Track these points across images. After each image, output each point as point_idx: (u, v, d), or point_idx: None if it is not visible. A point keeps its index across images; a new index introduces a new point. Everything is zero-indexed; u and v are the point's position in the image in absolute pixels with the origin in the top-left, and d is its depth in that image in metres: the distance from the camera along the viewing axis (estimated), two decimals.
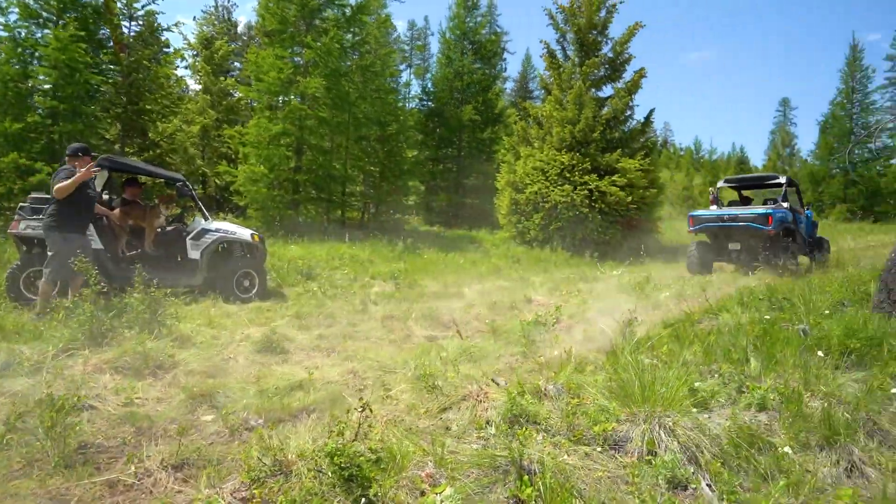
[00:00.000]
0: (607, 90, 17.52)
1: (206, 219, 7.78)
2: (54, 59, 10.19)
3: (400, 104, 18.73)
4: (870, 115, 35.79)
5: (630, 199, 14.80)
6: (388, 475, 2.51)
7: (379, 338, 6.00)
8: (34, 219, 6.69)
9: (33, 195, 6.98)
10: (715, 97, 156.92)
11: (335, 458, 2.37)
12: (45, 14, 11.09)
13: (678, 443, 3.07)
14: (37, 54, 10.78)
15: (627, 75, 17.23)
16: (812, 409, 3.60)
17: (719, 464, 2.93)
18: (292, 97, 13.84)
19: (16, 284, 6.55)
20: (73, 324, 4.94)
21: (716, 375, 4.29)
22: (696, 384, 3.93)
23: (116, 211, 7.46)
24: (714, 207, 11.01)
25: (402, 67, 45.99)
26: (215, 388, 3.85)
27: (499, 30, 25.36)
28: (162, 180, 10.24)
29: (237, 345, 5.08)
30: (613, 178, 14.87)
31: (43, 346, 4.56)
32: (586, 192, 14.74)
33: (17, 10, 10.64)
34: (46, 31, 11.18)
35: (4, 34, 10.73)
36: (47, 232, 5.86)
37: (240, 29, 33.72)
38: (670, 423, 3.19)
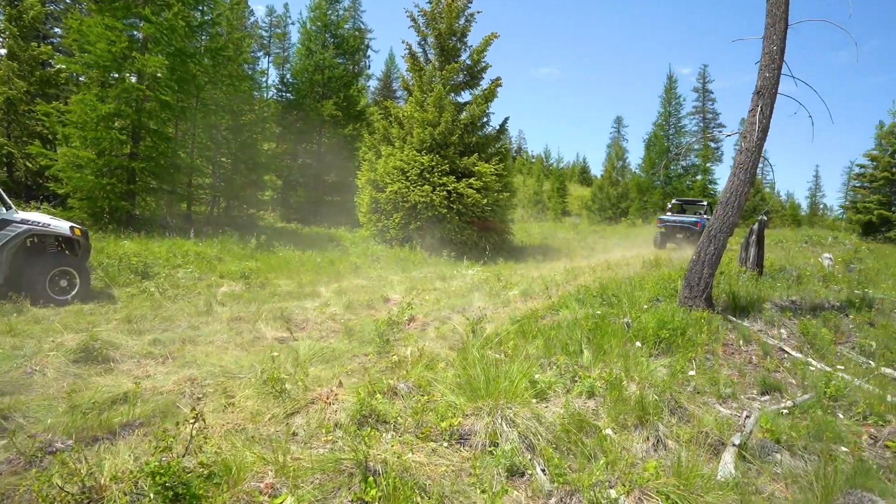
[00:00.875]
0: (466, 96, 18.23)
1: (7, 208, 6.64)
2: None
3: (255, 93, 17.64)
4: (681, 136, 41.57)
5: (486, 201, 15.53)
6: (221, 490, 2.33)
7: (224, 341, 5.60)
8: None
9: None
10: (563, 110, 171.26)
11: (157, 477, 2.14)
12: None
13: (517, 433, 3.27)
14: None
15: (484, 83, 18.08)
16: (630, 393, 4.06)
17: (552, 449, 3.17)
18: (127, 75, 12.34)
19: None
20: None
21: (554, 367, 4.65)
22: (537, 376, 4.23)
23: None
24: (669, 214, 18.83)
25: (258, 54, 43.52)
26: (9, 407, 3.29)
27: (362, 26, 25.18)
28: None
29: (45, 355, 4.39)
30: (470, 180, 15.48)
31: None
32: (445, 193, 15.17)
33: None
34: None
35: None
36: None
37: None
38: (511, 415, 3.38)
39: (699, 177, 39.02)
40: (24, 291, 6.47)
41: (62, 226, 6.92)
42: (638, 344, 5.12)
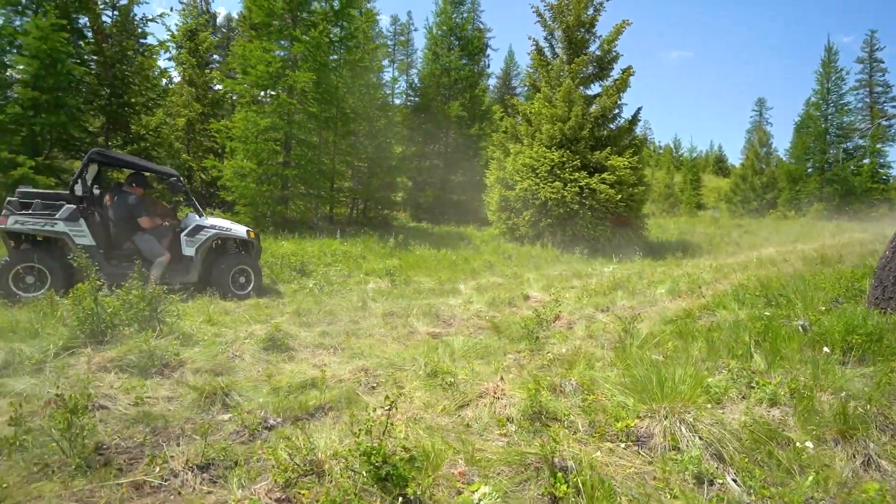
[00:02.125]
0: (595, 88, 17.67)
1: (200, 215, 7.62)
2: (35, 48, 9.87)
3: (387, 100, 18.57)
4: (844, 115, 36.68)
5: (620, 196, 14.93)
6: (424, 474, 2.48)
7: (382, 335, 5.95)
8: (22, 214, 6.50)
9: (21, 190, 6.77)
10: (693, 96, 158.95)
11: (372, 457, 2.33)
12: (23, 1, 10.73)
13: (700, 438, 3.10)
14: (16, 43, 10.44)
15: (614, 73, 17.41)
16: (823, 404, 3.67)
17: (745, 459, 2.96)
18: (280, 91, 13.62)
19: (5, 280, 6.37)
20: (73, 321, 4.80)
21: (724, 371, 4.34)
22: (709, 380, 3.98)
23: (145, 218, 7.27)
24: None
25: (384, 63, 45.75)
26: (227, 386, 3.77)
27: (481, 26, 25.34)
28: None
29: (242, 342, 4.98)
30: (603, 175, 14.98)
31: (42, 344, 4.42)
32: (577, 189, 14.82)
33: None
34: (25, 18, 10.83)
35: None
36: None
37: (218, 21, 33.18)
38: (690, 419, 3.22)
39: (867, 160, 34.14)
40: (213, 287, 7.39)
41: (240, 229, 7.81)
42: (826, 349, 4.60)
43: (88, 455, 2.69)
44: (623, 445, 3.11)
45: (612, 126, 16.98)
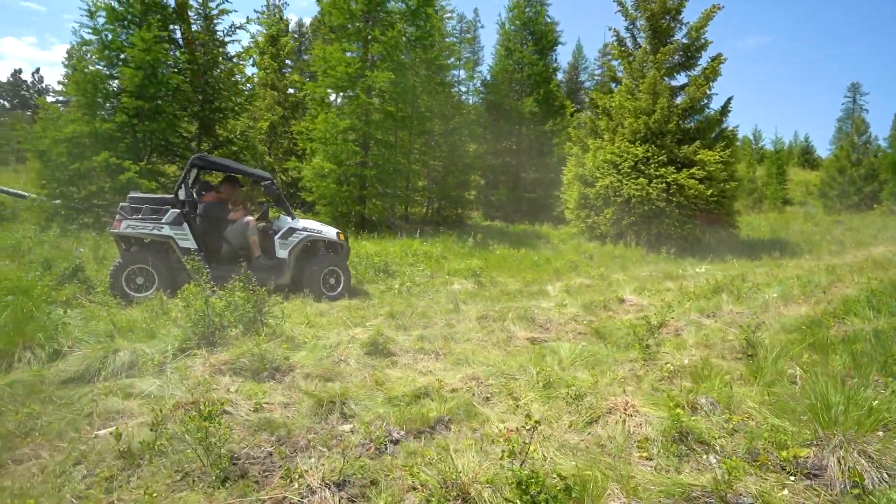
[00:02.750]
0: (680, 79, 16.71)
1: (292, 217, 7.74)
2: (139, 59, 10.42)
3: (461, 98, 18.42)
4: None
5: (710, 192, 14.02)
6: None
7: (480, 339, 5.75)
8: (133, 218, 6.80)
9: (132, 195, 7.08)
10: (773, 84, 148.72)
11: (531, 487, 2.11)
12: (128, 16, 11.36)
13: (889, 475, 2.68)
14: (122, 56, 11.08)
15: (701, 62, 16.40)
16: None
17: None
18: (359, 91, 13.75)
19: (118, 281, 6.69)
20: (185, 323, 4.92)
21: (887, 391, 3.82)
22: (875, 402, 3.49)
23: (241, 212, 7.59)
24: None
25: (450, 61, 45.72)
26: (342, 394, 3.68)
27: (548, 20, 24.64)
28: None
29: (346, 346, 4.92)
30: (692, 170, 14.12)
31: (160, 345, 4.53)
32: (663, 185, 14.06)
33: (104, 13, 10.93)
34: (129, 31, 11.48)
35: (93, 37, 11.07)
36: None
37: (290, 26, 34.24)
38: (873, 451, 2.79)
39: None
40: (304, 288, 7.47)
41: (330, 231, 7.86)
42: None
43: (225, 465, 2.65)
44: (793, 478, 2.74)
45: (698, 117, 16.00)
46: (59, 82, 59.69)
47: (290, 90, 19.74)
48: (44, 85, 51.91)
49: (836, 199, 34.32)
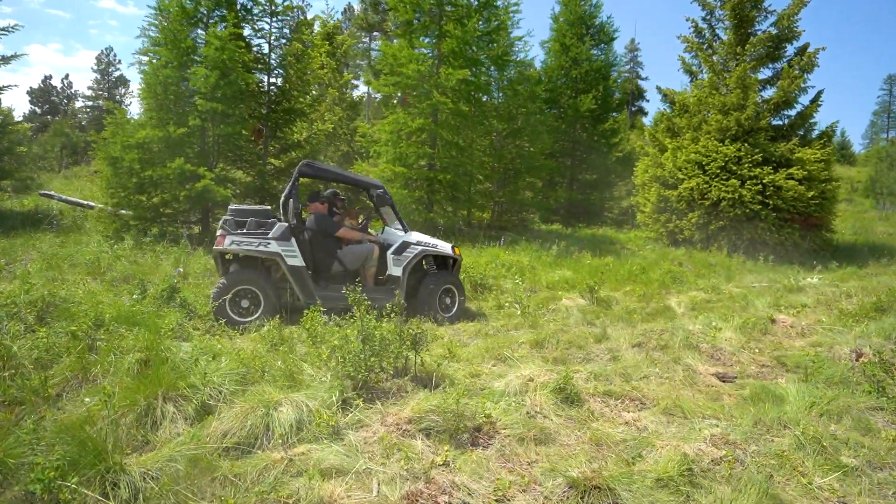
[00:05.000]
0: (764, 72, 15.53)
1: (405, 230, 6.95)
2: (214, 59, 9.76)
3: (527, 96, 17.45)
4: None
5: (811, 193, 12.88)
6: None
7: (660, 378, 4.86)
8: (238, 234, 6.07)
9: (234, 207, 6.36)
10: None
11: None
12: (198, 14, 10.72)
13: None
14: (194, 56, 10.44)
15: (789, 52, 15.23)
16: None
17: None
18: (431, 88, 12.93)
19: (223, 305, 5.91)
20: (335, 364, 4.13)
21: None
22: None
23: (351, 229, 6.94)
24: None
25: (518, 56, 44.74)
26: (607, 479, 2.82)
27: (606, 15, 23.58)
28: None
29: (533, 394, 4.07)
30: (790, 170, 13.00)
31: (317, 394, 3.73)
32: (759, 186, 12.96)
33: (172, 11, 10.31)
34: (200, 30, 10.85)
35: (161, 36, 10.45)
36: None
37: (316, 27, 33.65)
38: None
39: None
40: (420, 308, 6.66)
41: (446, 246, 7.07)
42: None
43: None
44: None
45: (787, 113, 14.84)
46: (88, 87, 60.44)
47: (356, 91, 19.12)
48: (73, 90, 52.47)
49: (885, 196, 32.20)
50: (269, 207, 6.68)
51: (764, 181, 12.95)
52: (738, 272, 11.68)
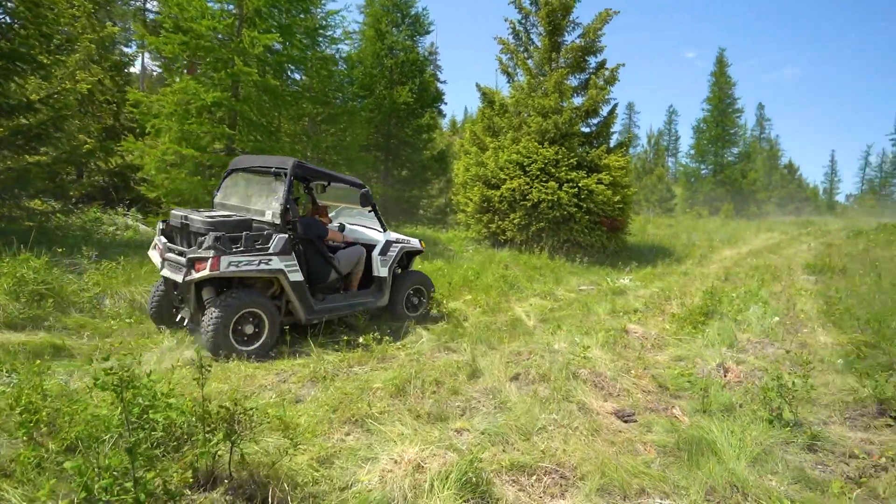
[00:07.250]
0: (573, 80, 16.24)
1: (384, 229, 6.65)
2: None
3: (345, 79, 15.76)
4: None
5: (617, 197, 13.69)
6: None
7: (563, 426, 3.85)
8: (234, 253, 4.93)
9: (203, 218, 5.18)
10: (811, 113, 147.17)
11: None
12: None
13: None
14: None
15: (592, 65, 16.15)
16: None
17: None
18: (233, 56, 10.48)
19: (226, 336, 4.83)
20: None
21: None
22: None
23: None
24: None
25: (336, 33, 41.42)
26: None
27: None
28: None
29: (429, 497, 2.63)
30: (600, 175, 13.63)
31: None
32: (574, 189, 13.32)
33: None
34: None
35: None
36: None
37: None
38: None
39: None
40: (390, 309, 6.52)
41: (415, 241, 6.94)
42: None
43: None
44: None
45: (592, 121, 15.72)
46: None
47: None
48: None
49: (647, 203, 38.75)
50: (245, 216, 5.48)
51: (580, 184, 13.36)
52: (563, 274, 11.72)
